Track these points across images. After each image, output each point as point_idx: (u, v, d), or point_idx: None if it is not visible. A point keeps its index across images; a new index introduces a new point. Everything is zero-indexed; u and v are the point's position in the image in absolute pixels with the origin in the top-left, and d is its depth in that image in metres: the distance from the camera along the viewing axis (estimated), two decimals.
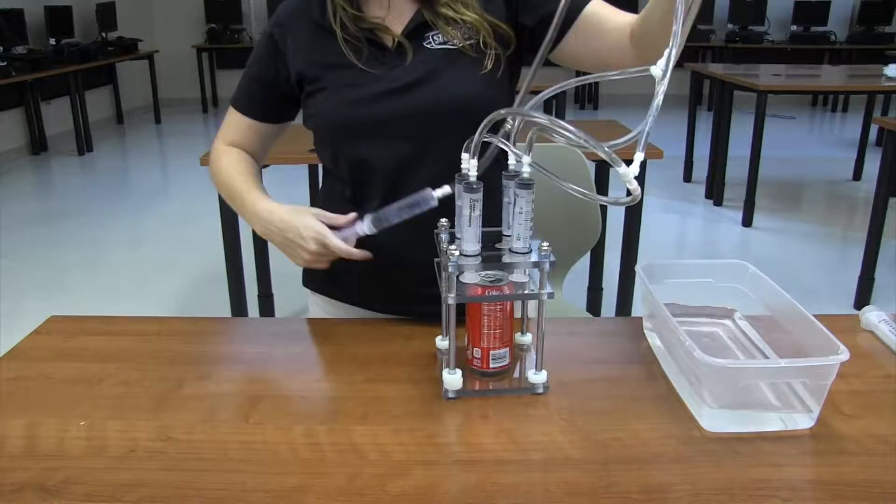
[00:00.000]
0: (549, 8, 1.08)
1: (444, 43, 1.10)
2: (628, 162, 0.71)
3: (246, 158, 1.23)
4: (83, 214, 4.47)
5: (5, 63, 5.12)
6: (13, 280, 3.42)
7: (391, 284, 1.17)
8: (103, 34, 6.73)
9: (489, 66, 1.09)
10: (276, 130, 1.25)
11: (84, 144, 6.02)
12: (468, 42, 1.09)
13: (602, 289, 2.84)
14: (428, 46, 1.10)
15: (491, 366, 0.96)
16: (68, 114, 5.98)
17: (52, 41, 6.05)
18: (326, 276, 1.24)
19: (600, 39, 1.08)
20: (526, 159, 0.88)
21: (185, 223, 4.29)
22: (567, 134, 0.77)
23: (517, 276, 0.93)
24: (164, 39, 8.06)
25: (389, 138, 1.10)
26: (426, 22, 1.10)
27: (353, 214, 1.06)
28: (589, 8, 1.08)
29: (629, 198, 0.75)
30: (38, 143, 6.00)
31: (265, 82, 1.18)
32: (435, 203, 0.99)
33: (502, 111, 0.86)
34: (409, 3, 1.12)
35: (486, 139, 0.90)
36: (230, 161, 1.21)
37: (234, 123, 1.23)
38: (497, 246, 0.96)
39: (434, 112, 1.08)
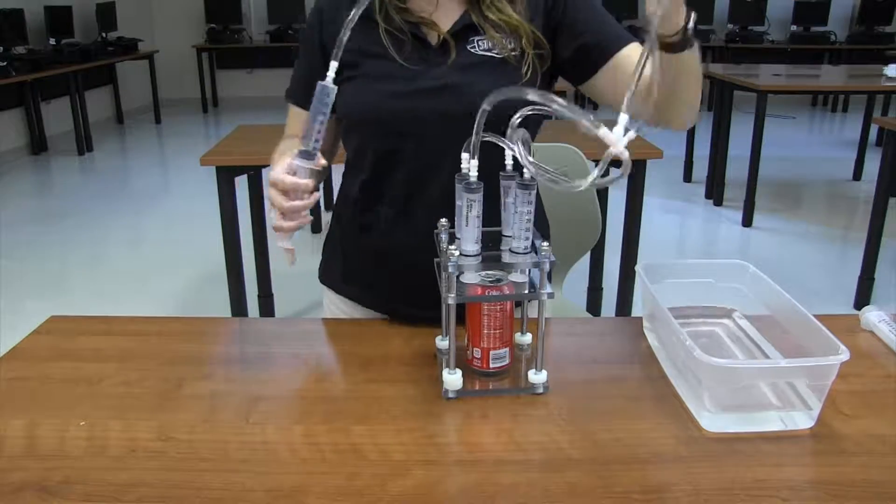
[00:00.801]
0: (585, 40, 1.10)
1: (488, 50, 1.09)
2: (611, 163, 0.72)
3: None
4: (83, 214, 4.47)
5: (5, 63, 5.12)
6: (13, 280, 3.42)
7: (407, 289, 1.16)
8: (103, 34, 6.73)
9: (527, 76, 1.09)
10: (336, 122, 1.19)
11: (84, 144, 6.02)
12: (512, 53, 1.09)
13: (602, 289, 2.84)
14: (471, 50, 1.10)
15: (491, 366, 0.96)
16: (68, 114, 5.98)
17: (52, 41, 6.05)
18: (342, 276, 1.24)
19: (626, 85, 1.09)
20: (528, 159, 0.87)
21: (185, 223, 4.29)
22: (557, 108, 0.77)
23: (517, 276, 0.93)
24: (164, 39, 8.06)
25: (421, 135, 1.09)
26: (473, 25, 1.09)
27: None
28: (624, 51, 1.08)
29: (615, 174, 0.75)
30: (38, 143, 6.00)
31: (315, 72, 1.11)
32: (332, 87, 0.91)
33: (498, 96, 0.85)
34: (456, 4, 1.11)
35: (486, 139, 0.90)
36: (283, 142, 1.18)
37: (294, 118, 1.21)
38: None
39: (470, 116, 1.08)
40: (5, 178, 5.31)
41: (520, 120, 0.89)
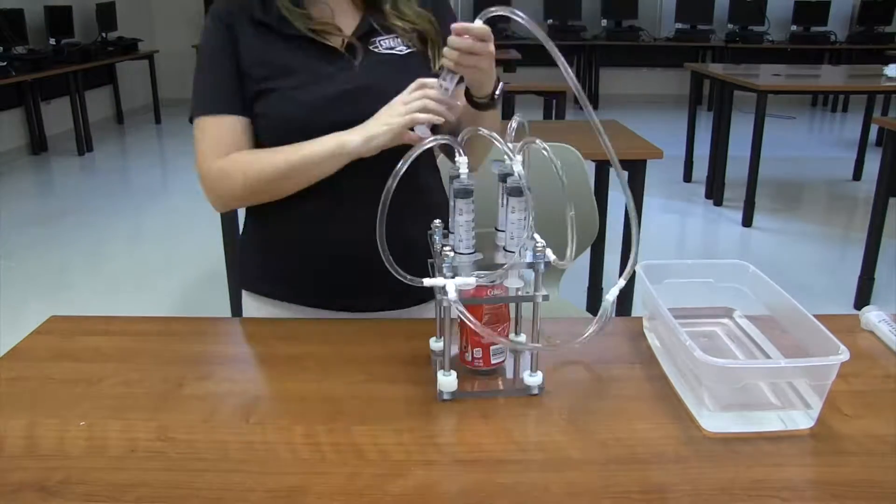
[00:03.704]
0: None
1: (391, 49, 1.13)
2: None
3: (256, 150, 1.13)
4: (83, 214, 4.47)
5: (5, 63, 5.12)
6: (13, 280, 3.42)
7: (343, 280, 1.17)
8: (103, 34, 6.73)
9: (436, 68, 1.13)
10: (250, 127, 1.15)
11: (84, 144, 6.02)
12: (411, 50, 1.13)
13: (602, 289, 2.84)
14: (375, 50, 1.13)
15: (493, 362, 0.96)
16: (68, 114, 5.98)
17: (52, 41, 6.05)
18: (264, 277, 1.23)
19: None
20: (517, 159, 0.87)
21: (185, 223, 4.29)
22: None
23: (512, 279, 0.93)
24: (164, 39, 8.05)
25: None
26: (374, 28, 1.13)
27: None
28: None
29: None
30: (38, 143, 5.99)
31: (234, 73, 1.11)
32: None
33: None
34: (353, 10, 1.14)
35: (482, 132, 0.90)
36: (245, 157, 1.11)
37: (216, 131, 1.12)
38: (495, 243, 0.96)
39: None
40: (5, 178, 5.31)
41: (516, 122, 0.90)
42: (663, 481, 0.77)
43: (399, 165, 0.85)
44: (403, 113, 1.02)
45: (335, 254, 1.16)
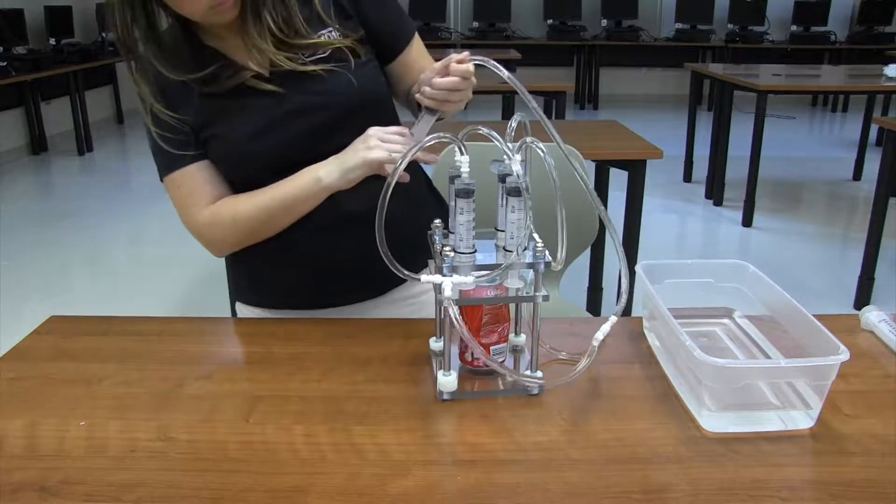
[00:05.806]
0: (376, 37, 1.16)
1: (314, 54, 1.10)
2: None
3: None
4: (83, 214, 4.47)
5: (5, 63, 5.12)
6: (13, 280, 3.42)
7: (317, 280, 1.19)
8: (103, 34, 6.73)
9: (362, 58, 1.13)
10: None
11: (84, 144, 6.02)
12: (335, 46, 1.12)
13: (602, 288, 2.84)
14: (302, 66, 1.10)
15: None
16: (68, 114, 5.98)
17: (52, 41, 6.05)
18: (250, 285, 1.26)
19: (402, 87, 1.20)
20: (516, 158, 0.87)
21: None
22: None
23: (512, 279, 0.93)
24: None
25: (308, 156, 1.09)
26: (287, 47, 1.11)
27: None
28: (403, 56, 1.18)
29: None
30: (38, 143, 6.00)
31: (179, 120, 1.10)
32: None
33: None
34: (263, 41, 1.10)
35: (481, 131, 0.90)
36: (231, 203, 1.13)
37: (189, 184, 1.13)
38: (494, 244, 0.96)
39: (338, 118, 1.08)
40: (5, 178, 5.31)
41: (516, 122, 0.90)
42: (663, 481, 0.77)
43: (392, 171, 0.86)
44: (385, 150, 1.02)
45: (316, 255, 1.16)
